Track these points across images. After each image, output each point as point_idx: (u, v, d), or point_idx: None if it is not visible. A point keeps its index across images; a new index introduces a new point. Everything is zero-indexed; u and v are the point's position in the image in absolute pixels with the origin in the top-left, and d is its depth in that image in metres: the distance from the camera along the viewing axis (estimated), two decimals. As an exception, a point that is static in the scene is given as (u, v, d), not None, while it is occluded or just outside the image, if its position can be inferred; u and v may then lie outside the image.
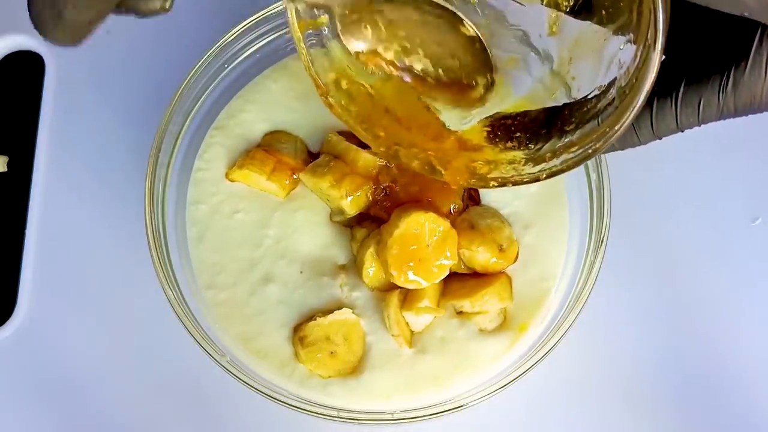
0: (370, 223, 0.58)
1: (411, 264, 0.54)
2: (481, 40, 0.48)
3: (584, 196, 0.58)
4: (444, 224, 0.55)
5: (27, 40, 0.70)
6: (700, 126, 0.42)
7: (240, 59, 0.61)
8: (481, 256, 0.56)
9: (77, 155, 0.67)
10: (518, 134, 0.47)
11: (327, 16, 0.48)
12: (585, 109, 0.44)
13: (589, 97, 0.44)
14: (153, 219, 0.56)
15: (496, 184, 0.47)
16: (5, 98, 0.70)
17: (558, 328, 0.54)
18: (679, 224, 0.64)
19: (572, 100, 0.45)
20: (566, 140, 0.44)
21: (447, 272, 0.55)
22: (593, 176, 0.57)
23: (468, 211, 0.58)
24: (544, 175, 0.45)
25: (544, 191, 0.60)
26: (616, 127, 0.41)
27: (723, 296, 0.63)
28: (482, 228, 0.57)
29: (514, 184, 0.46)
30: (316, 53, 0.49)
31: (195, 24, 0.68)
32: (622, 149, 0.45)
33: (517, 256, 0.58)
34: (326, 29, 0.49)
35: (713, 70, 0.41)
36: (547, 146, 0.45)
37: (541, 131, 0.46)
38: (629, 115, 0.40)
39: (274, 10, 0.59)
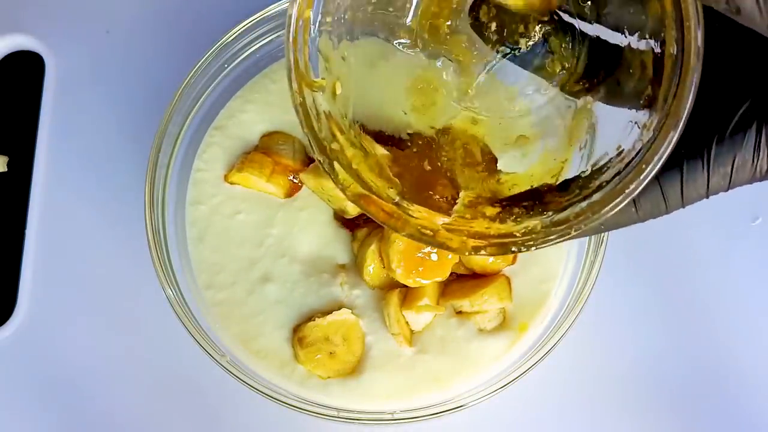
0: (370, 222, 0.58)
1: (413, 260, 0.54)
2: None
3: (584, 196, 0.58)
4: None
5: (27, 40, 0.70)
6: (726, 191, 0.39)
7: (240, 59, 0.61)
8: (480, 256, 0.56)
9: (77, 155, 0.67)
10: (530, 204, 0.43)
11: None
12: (599, 174, 0.41)
13: (603, 163, 0.41)
14: (153, 219, 0.56)
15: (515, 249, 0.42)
16: (5, 98, 0.70)
17: (558, 328, 0.54)
18: (679, 224, 0.64)
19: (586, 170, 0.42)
20: (584, 204, 0.40)
21: (449, 270, 0.56)
22: (593, 176, 0.57)
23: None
24: (563, 239, 0.41)
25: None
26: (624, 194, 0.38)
27: (723, 296, 0.63)
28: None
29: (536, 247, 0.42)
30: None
31: (195, 24, 0.68)
32: (643, 221, 0.41)
33: (515, 257, 0.58)
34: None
35: (745, 126, 0.36)
36: (564, 214, 0.41)
37: (554, 199, 0.42)
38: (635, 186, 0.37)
39: (274, 11, 0.59)
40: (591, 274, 0.55)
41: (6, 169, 0.68)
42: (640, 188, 0.37)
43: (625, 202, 0.38)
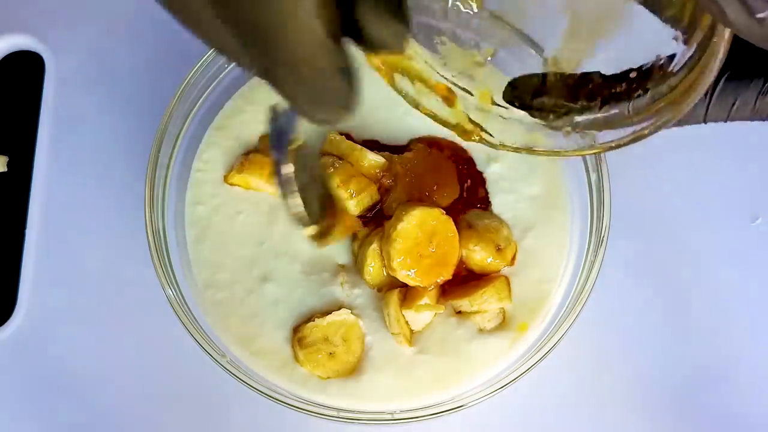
0: (371, 222, 0.58)
1: (414, 259, 0.54)
2: None
3: (584, 196, 0.58)
4: (447, 221, 0.55)
5: (27, 40, 0.70)
6: (725, 122, 0.40)
7: (240, 59, 0.61)
8: (479, 256, 0.57)
9: (77, 155, 0.67)
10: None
11: None
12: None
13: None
14: (153, 219, 0.56)
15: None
16: (5, 98, 0.70)
17: (558, 329, 0.54)
18: (679, 224, 0.64)
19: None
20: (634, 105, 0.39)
21: (452, 270, 0.56)
22: (593, 176, 0.57)
23: (468, 211, 0.59)
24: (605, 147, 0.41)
25: (546, 194, 0.60)
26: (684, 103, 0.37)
27: (723, 296, 0.63)
28: (480, 228, 0.57)
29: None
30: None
31: (195, 24, 0.68)
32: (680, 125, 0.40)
33: (515, 257, 0.58)
34: None
35: (758, 73, 0.38)
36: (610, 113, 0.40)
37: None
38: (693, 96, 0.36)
39: (273, 10, 0.59)
40: (591, 274, 0.55)
41: (6, 169, 0.68)
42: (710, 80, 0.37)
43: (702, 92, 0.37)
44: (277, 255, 0.59)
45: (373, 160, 0.58)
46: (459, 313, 0.58)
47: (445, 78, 0.43)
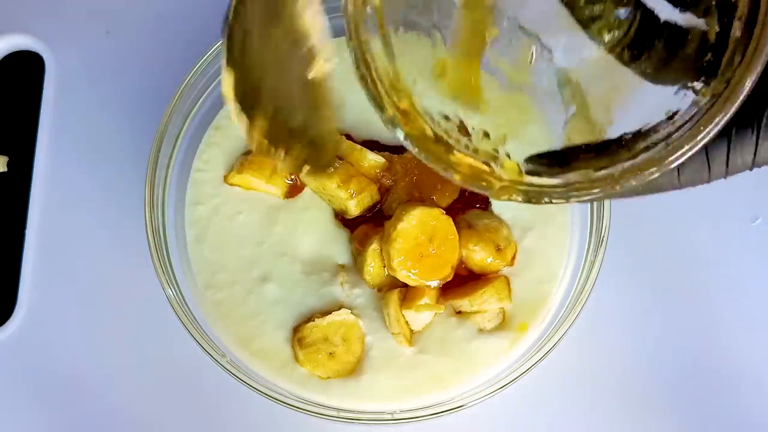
0: (370, 222, 0.58)
1: (414, 259, 0.55)
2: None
3: (584, 196, 0.58)
4: (447, 221, 0.55)
5: (27, 40, 0.70)
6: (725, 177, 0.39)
7: (240, 59, 0.61)
8: (478, 256, 0.57)
9: (77, 155, 0.67)
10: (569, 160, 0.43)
11: None
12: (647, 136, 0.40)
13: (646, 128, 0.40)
14: (153, 219, 0.56)
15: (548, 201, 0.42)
16: (5, 98, 0.70)
17: (558, 329, 0.54)
18: (679, 224, 0.64)
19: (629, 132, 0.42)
20: (628, 164, 0.40)
21: (451, 270, 0.56)
22: (593, 176, 0.57)
23: (467, 211, 0.59)
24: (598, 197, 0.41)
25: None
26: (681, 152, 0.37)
27: (723, 296, 0.63)
28: (480, 228, 0.57)
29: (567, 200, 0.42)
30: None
31: (195, 24, 0.68)
32: (682, 187, 0.40)
33: (514, 257, 0.58)
34: None
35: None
36: (608, 171, 0.40)
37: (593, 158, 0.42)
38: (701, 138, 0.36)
39: (273, 10, 0.59)
40: (591, 274, 0.55)
41: (6, 169, 0.68)
42: (694, 150, 0.37)
43: (677, 162, 0.37)
44: (277, 255, 0.59)
45: (373, 160, 0.58)
46: (459, 313, 0.58)
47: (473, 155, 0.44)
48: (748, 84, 0.36)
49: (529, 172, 0.42)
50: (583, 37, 0.44)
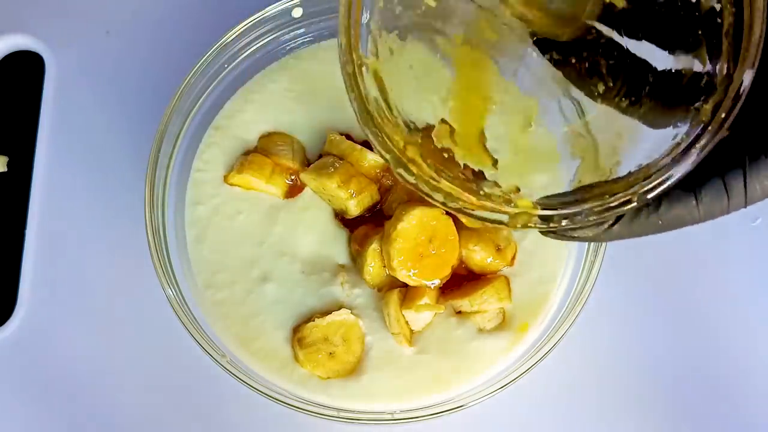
0: (370, 222, 0.58)
1: (414, 259, 0.55)
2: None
3: (584, 196, 0.58)
4: (447, 221, 0.55)
5: (27, 40, 0.70)
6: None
7: (239, 59, 0.61)
8: (478, 256, 0.57)
9: (77, 155, 0.67)
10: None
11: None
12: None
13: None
14: (153, 219, 0.56)
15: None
16: (5, 98, 0.70)
17: (558, 328, 0.54)
18: (679, 224, 0.64)
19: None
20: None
21: (450, 269, 0.56)
22: (593, 176, 0.57)
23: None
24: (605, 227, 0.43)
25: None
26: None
27: (723, 296, 0.63)
28: (480, 228, 0.57)
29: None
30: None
31: (195, 24, 0.68)
32: (703, 219, 0.41)
33: (514, 257, 0.58)
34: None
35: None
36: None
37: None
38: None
39: (273, 11, 0.59)
40: (591, 274, 0.55)
41: (6, 169, 0.68)
42: (684, 172, 0.38)
43: (669, 184, 0.39)
44: (277, 255, 0.59)
45: (373, 160, 0.58)
46: (459, 313, 0.58)
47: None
48: (745, 82, 0.37)
49: (544, 209, 0.43)
50: (580, 94, 0.45)
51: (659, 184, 0.39)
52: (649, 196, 0.40)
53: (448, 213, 0.56)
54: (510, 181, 0.44)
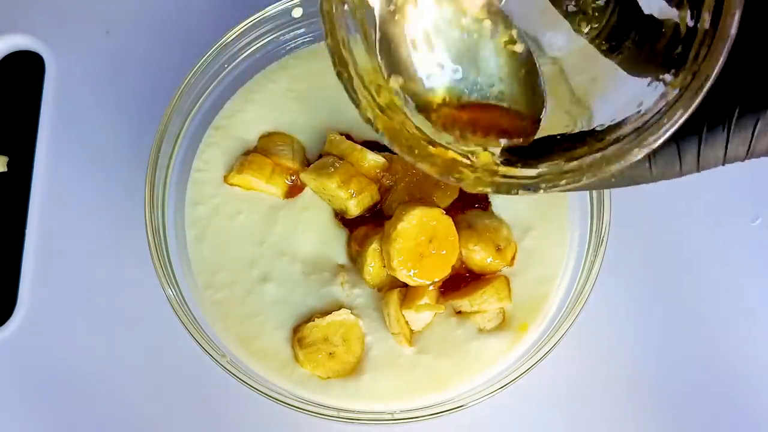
0: (369, 223, 0.58)
1: (414, 259, 0.55)
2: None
3: (584, 196, 0.58)
4: (447, 221, 0.55)
5: (27, 40, 0.70)
6: (743, 161, 0.40)
7: (239, 59, 0.61)
8: (478, 256, 0.57)
9: (77, 155, 0.67)
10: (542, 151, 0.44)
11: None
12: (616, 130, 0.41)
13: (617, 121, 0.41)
14: (153, 219, 0.56)
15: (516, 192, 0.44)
16: (5, 98, 0.70)
17: (558, 328, 0.54)
18: (679, 224, 0.64)
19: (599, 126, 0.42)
20: (599, 155, 0.40)
21: (449, 269, 0.56)
22: (593, 176, 0.57)
23: (467, 211, 0.59)
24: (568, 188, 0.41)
25: (546, 194, 0.59)
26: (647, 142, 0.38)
27: (723, 296, 0.63)
28: (480, 228, 0.57)
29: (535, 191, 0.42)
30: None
31: (195, 24, 0.68)
32: (655, 180, 0.41)
33: (514, 258, 0.58)
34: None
35: None
36: (576, 162, 0.41)
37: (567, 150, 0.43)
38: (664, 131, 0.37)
39: (273, 11, 0.59)
40: (591, 274, 0.55)
41: (6, 169, 0.68)
42: (659, 141, 0.37)
43: (642, 154, 0.38)
44: (277, 255, 0.59)
45: (373, 160, 0.58)
46: (459, 313, 0.58)
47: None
48: (712, 75, 0.36)
49: (505, 163, 0.42)
50: (565, 30, 0.44)
51: (613, 167, 0.39)
52: (598, 175, 0.39)
53: (447, 213, 0.56)
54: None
